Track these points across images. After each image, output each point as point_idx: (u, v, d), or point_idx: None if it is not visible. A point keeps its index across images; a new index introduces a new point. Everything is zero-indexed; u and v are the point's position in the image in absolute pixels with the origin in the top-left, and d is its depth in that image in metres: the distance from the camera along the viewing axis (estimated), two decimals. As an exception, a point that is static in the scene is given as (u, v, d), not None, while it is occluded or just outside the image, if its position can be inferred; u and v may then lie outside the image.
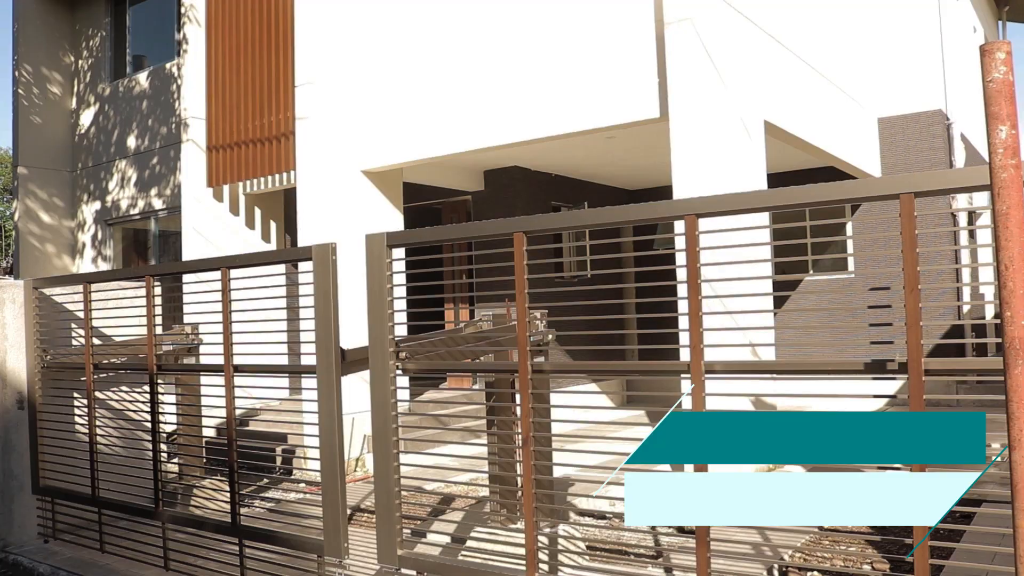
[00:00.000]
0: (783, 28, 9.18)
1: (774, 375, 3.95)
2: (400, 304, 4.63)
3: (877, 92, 12.08)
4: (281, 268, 8.13)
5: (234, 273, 5.58)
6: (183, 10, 11.77)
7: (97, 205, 14.38)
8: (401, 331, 4.71)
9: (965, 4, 14.80)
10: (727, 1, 7.86)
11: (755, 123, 8.21)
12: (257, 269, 5.46)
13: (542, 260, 11.56)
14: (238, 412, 5.70)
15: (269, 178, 10.98)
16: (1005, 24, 19.64)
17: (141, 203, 13.54)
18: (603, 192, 13.77)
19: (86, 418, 6.48)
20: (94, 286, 6.53)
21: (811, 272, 12.49)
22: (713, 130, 7.45)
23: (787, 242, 3.74)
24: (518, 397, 4.34)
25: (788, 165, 11.77)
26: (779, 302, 11.87)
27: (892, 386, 8.97)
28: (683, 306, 3.89)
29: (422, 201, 12.50)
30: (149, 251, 13.98)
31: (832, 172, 11.93)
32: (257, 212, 11.73)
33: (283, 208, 12.08)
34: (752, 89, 8.21)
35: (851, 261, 12.29)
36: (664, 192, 10.77)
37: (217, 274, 5.61)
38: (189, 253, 11.47)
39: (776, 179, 11.44)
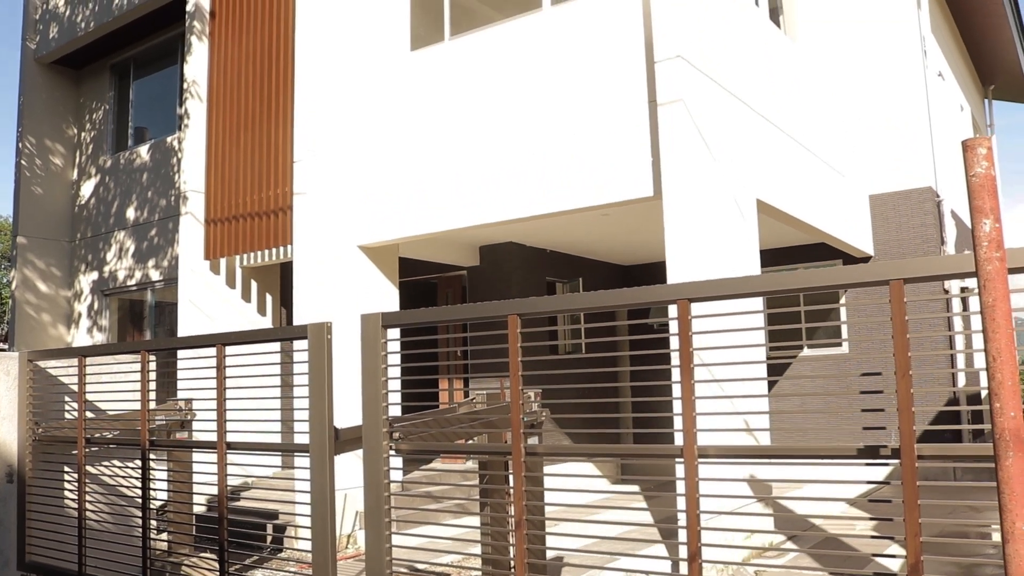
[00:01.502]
0: (774, 107, 9.36)
1: (768, 460, 3.95)
2: (395, 384, 4.64)
3: (868, 169, 12.27)
4: (276, 345, 8.14)
5: (229, 350, 5.60)
6: (186, 85, 11.97)
7: (94, 275, 14.43)
8: (395, 410, 4.71)
9: (952, 83, 15.11)
10: (718, 82, 8.03)
11: (747, 201, 8.32)
12: (252, 346, 5.48)
13: (538, 333, 11.58)
14: (229, 486, 5.66)
15: (266, 252, 11.06)
16: (991, 102, 20.04)
17: (138, 274, 13.60)
18: (598, 267, 13.87)
19: (76, 492, 6.42)
20: (89, 359, 6.53)
21: (805, 347, 12.52)
22: (706, 208, 7.55)
23: (781, 319, 3.77)
24: (511, 478, 4.32)
25: (781, 241, 11.88)
26: (774, 376, 11.86)
27: (884, 469, 8.91)
28: (676, 389, 3.90)
29: (417, 276, 12.58)
30: (145, 322, 13.99)
31: (824, 248, 12.04)
32: (253, 285, 11.78)
33: (279, 281, 12.13)
34: (744, 167, 8.34)
35: (845, 334, 12.32)
36: (659, 268, 10.85)
37: (212, 350, 5.63)
38: (185, 325, 11.47)
39: (769, 255, 11.54)
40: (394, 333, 4.93)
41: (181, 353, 6.35)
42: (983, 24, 16.03)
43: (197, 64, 11.82)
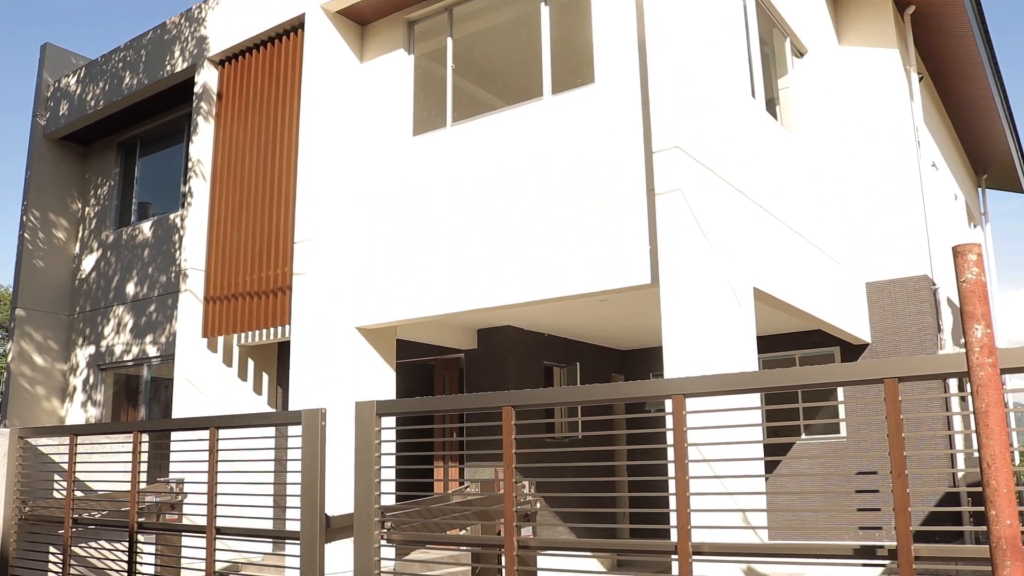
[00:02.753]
0: (770, 196, 9.47)
1: (764, 558, 3.90)
2: (388, 473, 4.61)
3: (864, 257, 12.36)
4: (270, 429, 8.09)
5: (223, 432, 5.57)
6: (190, 164, 12.14)
7: (91, 349, 14.41)
8: (388, 499, 4.66)
9: (946, 172, 15.33)
10: (715, 172, 8.15)
11: (744, 289, 8.36)
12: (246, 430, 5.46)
13: (534, 417, 11.51)
14: (218, 571, 5.56)
15: (264, 331, 11.07)
16: (985, 191, 20.31)
17: (135, 350, 13.57)
18: (596, 352, 13.86)
19: (61, 574, 6.31)
20: (80, 437, 6.49)
21: (803, 435, 12.44)
22: (703, 296, 7.59)
23: (778, 415, 3.77)
24: (504, 571, 4.26)
25: (777, 327, 11.90)
26: (771, 467, 11.76)
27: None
28: (672, 483, 3.87)
29: (415, 357, 12.56)
30: (140, 397, 13.92)
31: (821, 335, 12.05)
32: (250, 364, 11.76)
33: (276, 360, 12.11)
34: (741, 256, 8.41)
35: (842, 425, 12.25)
36: (656, 352, 10.85)
37: (206, 432, 5.59)
38: (180, 403, 11.42)
39: (765, 341, 11.55)
40: (388, 421, 4.90)
41: (175, 434, 6.32)
42: (975, 116, 16.35)
43: (202, 144, 12.01)
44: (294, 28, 11.14)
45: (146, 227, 14.00)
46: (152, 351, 13.31)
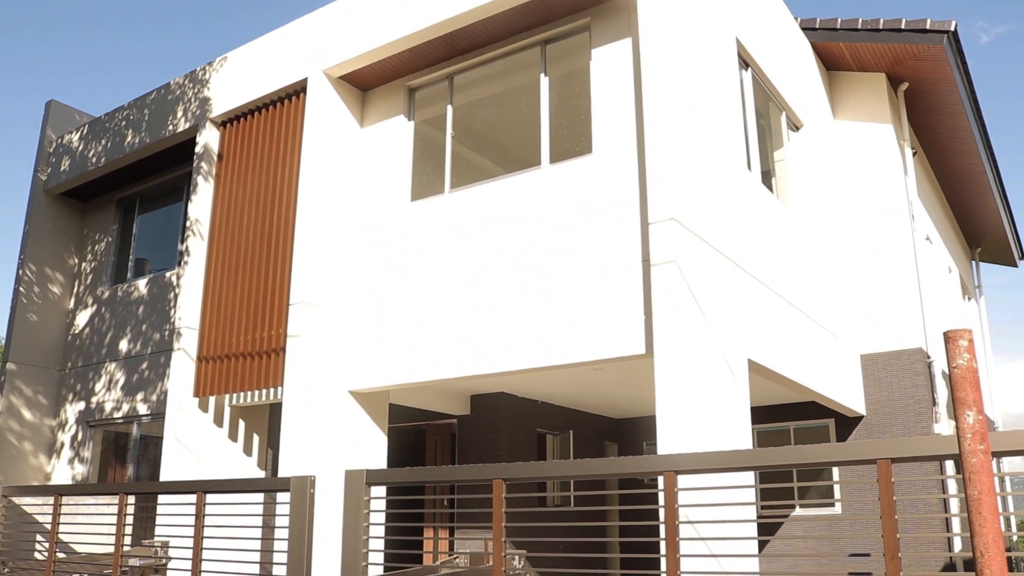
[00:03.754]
0: (766, 268, 9.54)
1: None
2: (376, 543, 4.56)
3: (859, 329, 12.40)
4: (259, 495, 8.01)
5: (210, 497, 5.52)
6: (189, 223, 12.20)
7: (81, 405, 14.31)
8: (376, 570, 4.60)
9: (940, 246, 15.46)
10: (711, 244, 8.22)
11: (739, 360, 8.37)
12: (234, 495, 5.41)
13: (526, 487, 11.41)
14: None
15: (256, 392, 11.02)
16: (979, 264, 20.46)
17: (126, 407, 13.48)
18: (589, 420, 13.80)
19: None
20: (65, 497, 6.42)
21: (797, 507, 12.33)
22: (697, 367, 7.59)
23: (773, 479, 3.75)
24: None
25: (771, 399, 11.88)
26: (765, 535, 11.63)
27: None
28: (663, 560, 3.83)
29: (407, 422, 12.50)
30: (128, 455, 13.78)
31: (815, 407, 12.04)
32: (241, 424, 11.68)
33: (267, 422, 12.03)
34: (735, 328, 8.43)
35: (838, 494, 12.15)
36: (650, 421, 10.81)
37: (193, 496, 5.54)
38: (168, 462, 11.30)
39: (759, 412, 11.53)
40: (378, 490, 4.86)
41: (161, 496, 6.25)
42: (968, 190, 16.55)
43: (201, 203, 12.09)
44: (296, 92, 11.30)
45: (142, 284, 14.02)
46: (143, 409, 13.22)
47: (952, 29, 11.46)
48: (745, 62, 10.09)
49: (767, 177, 10.81)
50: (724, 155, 8.93)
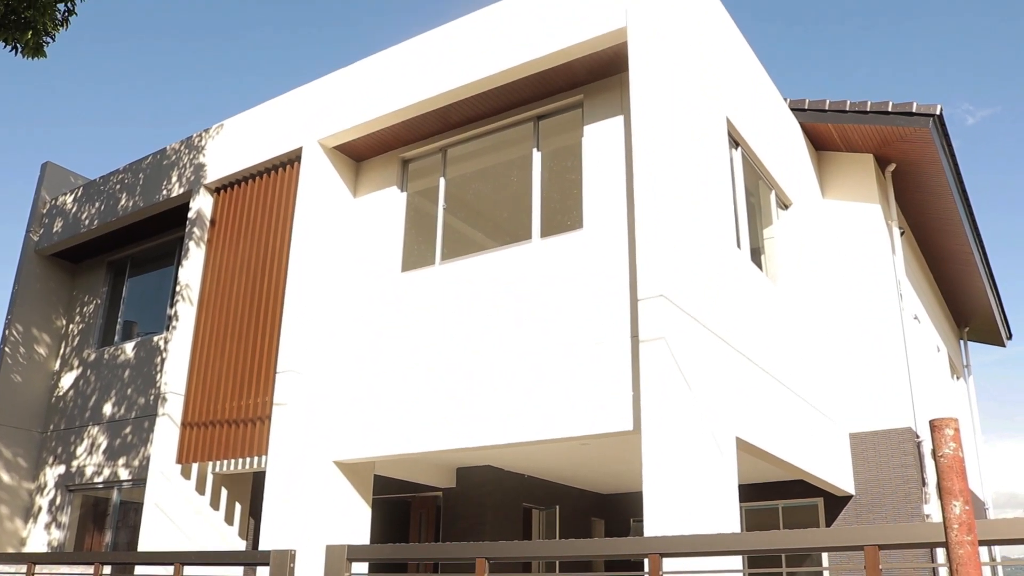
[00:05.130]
0: (755, 345, 9.55)
1: None
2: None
3: (848, 408, 12.37)
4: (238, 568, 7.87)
5: (188, 570, 5.42)
6: (178, 288, 12.20)
7: (61, 469, 14.11)
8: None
9: (928, 325, 15.52)
10: (700, 321, 8.24)
11: (727, 438, 8.32)
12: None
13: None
14: None
15: (240, 460, 10.89)
16: (967, 343, 20.53)
17: (107, 471, 13.30)
18: (576, 495, 13.66)
19: None
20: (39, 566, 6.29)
21: (786, 588, 12.13)
22: (685, 445, 7.54)
23: (761, 562, 3.70)
24: None
25: (759, 476, 11.79)
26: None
27: None
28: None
29: (392, 494, 12.35)
30: (107, 521, 13.53)
31: (804, 485, 11.94)
32: (223, 492, 11.52)
33: (250, 490, 11.87)
34: (724, 405, 8.41)
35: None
36: (637, 497, 10.70)
37: (170, 568, 5.44)
38: (148, 530, 11.11)
39: (747, 490, 11.43)
40: (360, 566, 4.79)
41: (139, 568, 6.13)
42: (955, 270, 16.70)
43: (192, 268, 12.11)
44: (291, 161, 11.41)
45: (129, 348, 13.95)
46: (124, 474, 13.03)
47: (938, 113, 11.69)
48: (735, 141, 10.25)
49: (756, 255, 10.90)
50: (714, 232, 9.01)
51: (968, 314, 19.38)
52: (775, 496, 12.47)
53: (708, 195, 9.00)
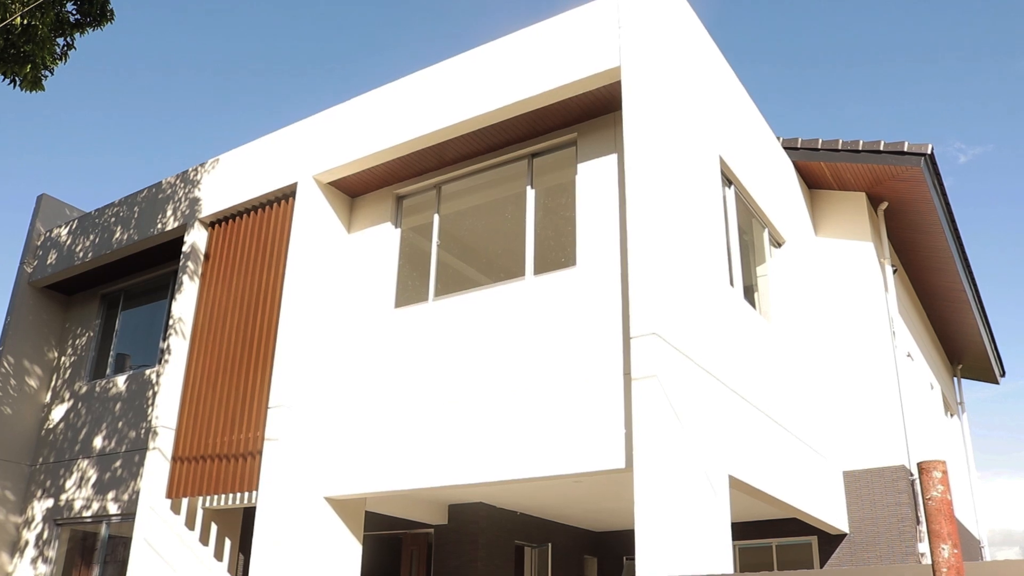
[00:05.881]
0: (748, 383, 9.56)
1: None
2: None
3: (842, 446, 12.35)
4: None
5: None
6: (172, 321, 12.19)
7: (50, 502, 14.00)
8: None
9: (921, 362, 15.56)
10: (693, 359, 8.26)
11: (719, 477, 8.31)
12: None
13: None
14: None
15: (230, 495, 10.83)
16: (960, 381, 20.56)
17: (96, 505, 13.20)
18: (569, 532, 13.59)
19: None
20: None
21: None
22: (677, 483, 7.53)
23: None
24: None
25: (753, 515, 11.76)
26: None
27: None
28: None
29: (383, 531, 12.27)
30: (95, 556, 13.41)
31: (797, 523, 11.90)
32: (213, 527, 11.43)
33: (240, 525, 11.79)
34: (717, 443, 8.40)
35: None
36: (629, 535, 10.65)
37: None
38: (136, 565, 11.01)
39: (740, 528, 11.39)
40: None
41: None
42: (948, 308, 16.76)
43: (185, 302, 12.11)
44: (285, 196, 11.47)
45: (121, 381, 13.91)
46: (113, 508, 12.94)
47: (929, 152, 11.80)
48: (728, 179, 10.34)
49: (749, 292, 10.94)
50: (707, 270, 9.06)
51: (961, 351, 19.43)
52: (768, 534, 12.42)
53: (701, 233, 9.06)
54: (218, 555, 11.44)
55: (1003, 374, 21.05)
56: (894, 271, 13.34)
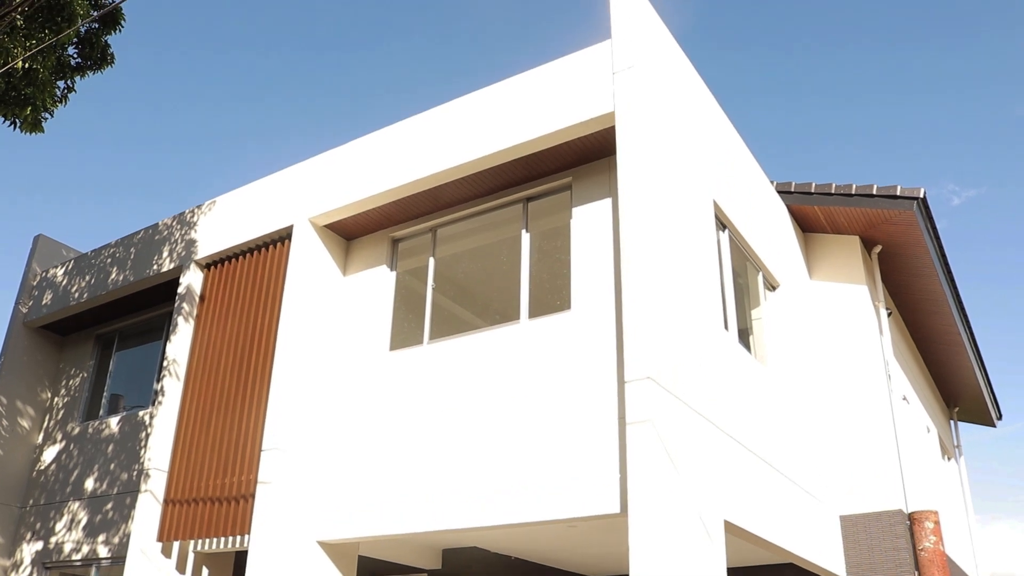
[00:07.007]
0: (743, 428, 9.54)
1: None
2: None
3: (838, 490, 12.29)
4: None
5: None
6: (166, 363, 12.17)
7: (39, 545, 13.86)
8: None
9: (917, 405, 15.53)
10: (687, 403, 8.25)
11: (715, 522, 8.26)
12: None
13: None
14: None
15: (222, 539, 10.74)
16: (957, 423, 20.49)
17: (85, 549, 13.07)
18: (564, 577, 13.46)
19: None
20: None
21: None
22: (672, 528, 7.49)
23: None
24: None
25: (749, 560, 11.66)
26: None
27: None
28: None
29: (377, 574, 12.15)
30: (84, 601, 13.27)
31: (794, 568, 11.79)
32: (204, 572, 11.32)
33: (232, 568, 11.68)
34: (712, 488, 8.37)
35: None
36: (625, 581, 10.55)
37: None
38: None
39: (736, 574, 11.29)
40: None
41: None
42: (943, 351, 16.76)
43: (180, 343, 12.10)
44: (281, 238, 11.52)
45: (113, 422, 13.84)
46: (103, 551, 12.82)
47: (921, 196, 11.88)
48: (722, 223, 10.40)
49: (744, 336, 10.96)
50: (701, 314, 9.08)
51: (957, 394, 19.39)
52: (765, 579, 12.29)
53: (695, 277, 9.10)
54: (209, 600, 11.32)
55: (1000, 417, 21.00)
56: (889, 314, 13.36)
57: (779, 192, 12.78)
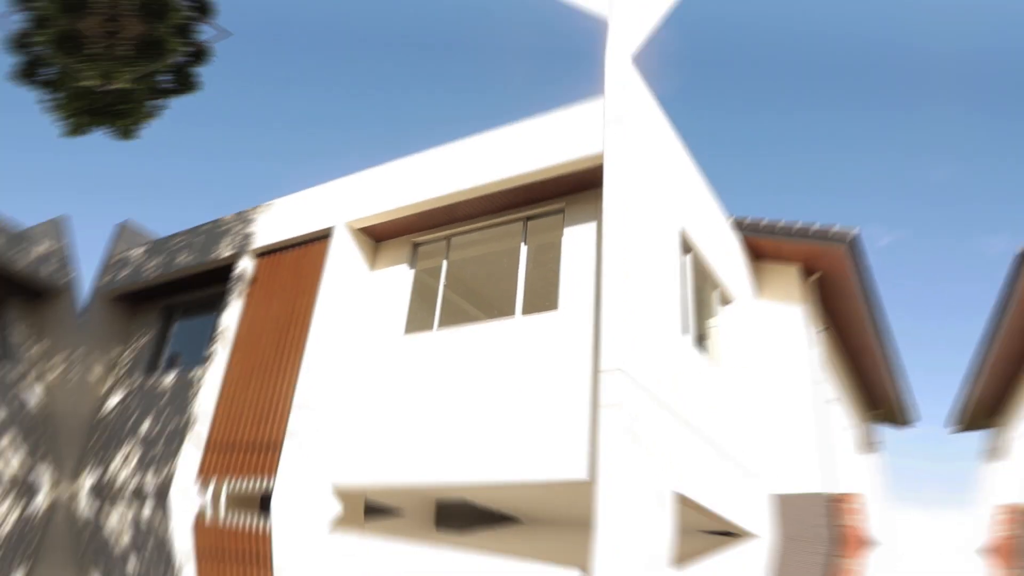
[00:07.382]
0: (695, 416, 9.70)
1: None
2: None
3: (771, 472, 12.44)
4: None
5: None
6: (217, 332, 12.29)
7: (97, 477, 13.94)
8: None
9: (842, 407, 15.68)
10: (651, 392, 8.41)
11: (667, 492, 8.43)
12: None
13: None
14: None
15: (252, 479, 10.86)
16: (877, 424, 20.65)
17: (135, 482, 13.14)
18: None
19: None
20: None
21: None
22: (631, 495, 7.65)
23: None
24: None
25: (694, 527, 11.80)
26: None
27: None
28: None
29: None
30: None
31: (731, 536, 11.93)
32: (234, 509, 11.44)
33: (258, 508, 11.78)
34: (667, 464, 8.53)
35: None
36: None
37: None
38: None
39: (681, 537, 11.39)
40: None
41: None
42: (866, 363, 16.93)
43: (231, 316, 12.24)
44: (322, 237, 11.66)
45: (169, 378, 13.95)
46: (150, 486, 12.89)
47: (850, 237, 12.06)
48: (687, 247, 10.57)
49: (701, 340, 11.13)
50: (666, 320, 9.26)
51: (878, 399, 19.56)
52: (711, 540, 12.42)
53: (662, 290, 9.28)
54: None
55: (916, 419, 21.17)
56: (823, 331, 13.53)
57: (735, 225, 12.95)
